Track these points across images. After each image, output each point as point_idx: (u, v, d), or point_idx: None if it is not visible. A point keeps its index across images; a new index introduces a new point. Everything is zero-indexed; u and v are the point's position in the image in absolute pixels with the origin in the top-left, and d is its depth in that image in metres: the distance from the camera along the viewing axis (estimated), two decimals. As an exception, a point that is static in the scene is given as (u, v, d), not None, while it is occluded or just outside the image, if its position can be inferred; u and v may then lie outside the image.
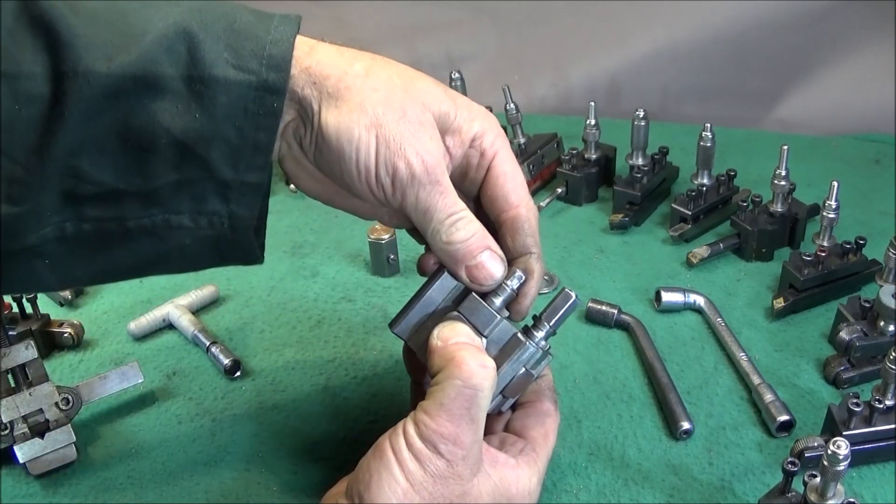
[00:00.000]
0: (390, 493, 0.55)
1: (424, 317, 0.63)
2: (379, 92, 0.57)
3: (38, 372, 0.74)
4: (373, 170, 0.57)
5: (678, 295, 0.91)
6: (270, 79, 0.54)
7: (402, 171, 0.57)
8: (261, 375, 0.85)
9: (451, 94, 0.61)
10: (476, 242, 0.60)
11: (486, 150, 0.62)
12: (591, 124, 1.10)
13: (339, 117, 0.56)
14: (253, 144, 0.55)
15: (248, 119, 0.54)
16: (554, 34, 1.42)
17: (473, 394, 0.56)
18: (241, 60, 0.53)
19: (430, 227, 0.59)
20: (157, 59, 0.52)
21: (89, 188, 0.53)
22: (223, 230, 0.58)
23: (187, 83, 0.52)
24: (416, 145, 0.57)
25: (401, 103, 0.57)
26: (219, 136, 0.54)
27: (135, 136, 0.53)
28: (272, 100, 0.54)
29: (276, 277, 1.01)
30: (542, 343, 0.63)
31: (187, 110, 0.53)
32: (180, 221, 0.57)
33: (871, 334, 0.80)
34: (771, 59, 1.32)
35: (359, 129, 0.56)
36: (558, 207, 1.12)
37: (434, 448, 0.55)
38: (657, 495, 0.69)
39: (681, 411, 0.76)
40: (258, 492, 0.72)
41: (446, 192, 0.58)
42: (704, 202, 1.03)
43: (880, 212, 1.07)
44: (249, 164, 0.55)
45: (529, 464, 0.62)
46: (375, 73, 0.57)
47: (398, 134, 0.56)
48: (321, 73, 0.56)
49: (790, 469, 0.62)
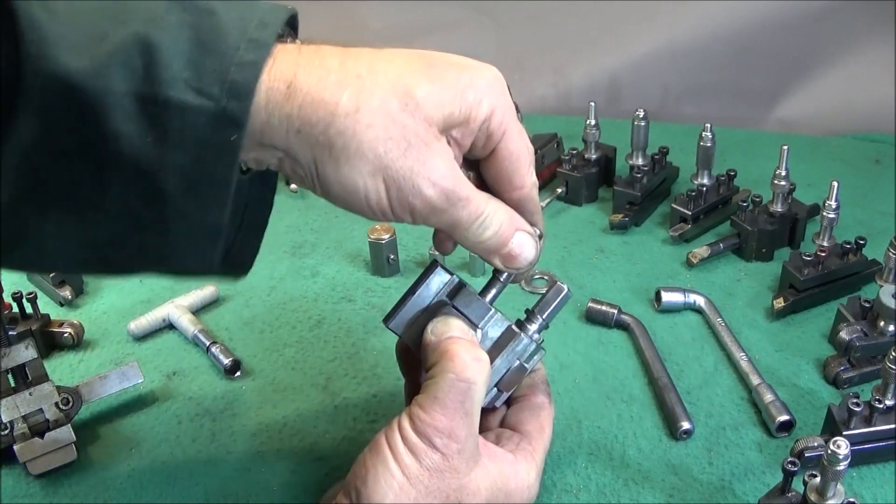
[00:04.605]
0: (387, 487, 0.55)
1: (419, 311, 0.63)
2: (374, 128, 0.51)
3: (38, 372, 0.74)
4: (388, 211, 0.54)
5: (678, 295, 0.91)
6: (230, 108, 0.47)
7: (419, 207, 0.54)
8: (261, 375, 0.85)
9: (451, 77, 0.54)
10: (506, 232, 0.58)
11: (493, 133, 0.57)
12: (591, 124, 1.10)
13: (337, 172, 0.51)
14: (209, 178, 0.49)
15: (203, 149, 0.48)
16: (554, 34, 1.42)
17: (467, 387, 0.56)
18: (202, 82, 0.47)
19: (458, 235, 0.57)
20: (108, 73, 0.46)
21: (49, 191, 0.49)
22: (190, 262, 0.54)
23: (140, 103, 0.46)
24: (428, 175, 0.53)
25: (401, 132, 0.51)
26: (170, 164, 0.48)
27: (89, 147, 0.47)
28: (231, 132, 0.48)
29: (276, 277, 1.01)
30: (535, 336, 0.64)
31: (138, 132, 0.47)
32: (144, 239, 0.52)
33: (871, 334, 0.80)
34: (771, 59, 1.32)
35: (363, 179, 0.51)
36: (558, 207, 1.12)
37: (429, 441, 0.55)
38: (657, 495, 0.69)
39: (681, 411, 0.76)
40: (258, 492, 0.72)
41: (468, 203, 0.55)
42: (704, 202, 1.03)
43: (880, 212, 1.07)
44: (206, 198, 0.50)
45: (527, 458, 0.62)
46: (365, 101, 0.51)
47: (406, 170, 0.52)
48: (306, 121, 0.50)
49: (790, 469, 0.62)
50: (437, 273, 0.63)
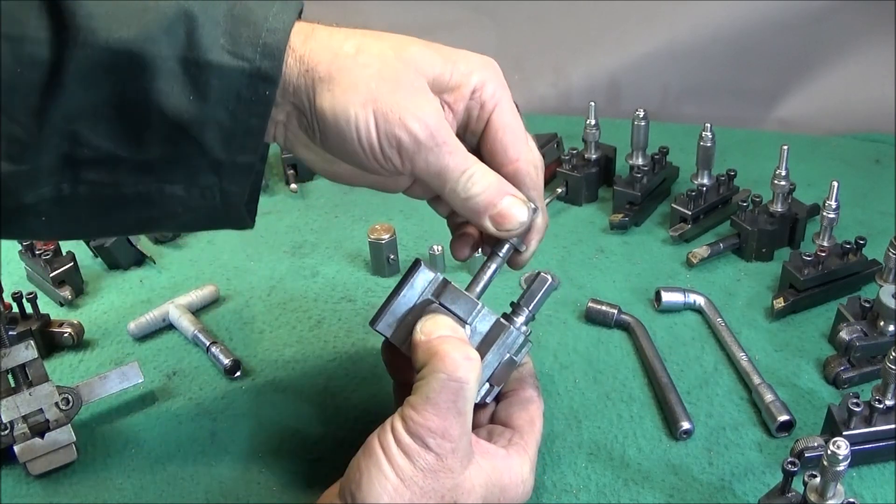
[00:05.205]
0: (381, 489, 0.55)
1: (405, 312, 0.63)
2: (370, 67, 0.57)
3: (38, 372, 0.74)
4: (377, 145, 0.57)
5: (678, 295, 0.91)
6: (264, 67, 0.54)
7: (405, 140, 0.57)
8: (261, 375, 0.85)
9: (446, 51, 0.61)
10: (494, 191, 0.60)
11: (485, 102, 0.61)
12: (591, 124, 1.10)
13: (333, 100, 0.56)
14: (245, 129, 0.55)
15: (240, 104, 0.55)
16: (554, 34, 1.42)
17: (459, 386, 0.56)
18: (237, 47, 0.54)
19: (446, 188, 0.59)
20: (155, 39, 0.52)
21: (87, 152, 0.54)
22: (215, 202, 0.59)
23: (183, 65, 0.53)
24: (415, 112, 0.56)
25: (393, 74, 0.57)
26: (211, 118, 0.54)
27: (131, 108, 0.53)
28: (265, 87, 0.55)
29: (276, 277, 1.01)
30: (522, 328, 0.63)
31: (182, 91, 0.53)
32: (174, 191, 0.58)
33: (871, 334, 0.80)
34: (771, 59, 1.32)
35: (354, 108, 0.56)
36: (558, 207, 1.12)
37: (422, 442, 0.55)
38: (657, 495, 0.69)
39: (681, 411, 0.76)
40: (258, 492, 0.72)
41: (455, 150, 0.58)
42: (704, 202, 1.03)
43: (880, 212, 1.07)
44: (241, 146, 0.56)
45: (520, 452, 0.62)
46: (366, 50, 0.57)
47: (395, 104, 0.56)
48: (313, 60, 0.56)
49: (790, 469, 0.62)
50: (420, 271, 0.63)
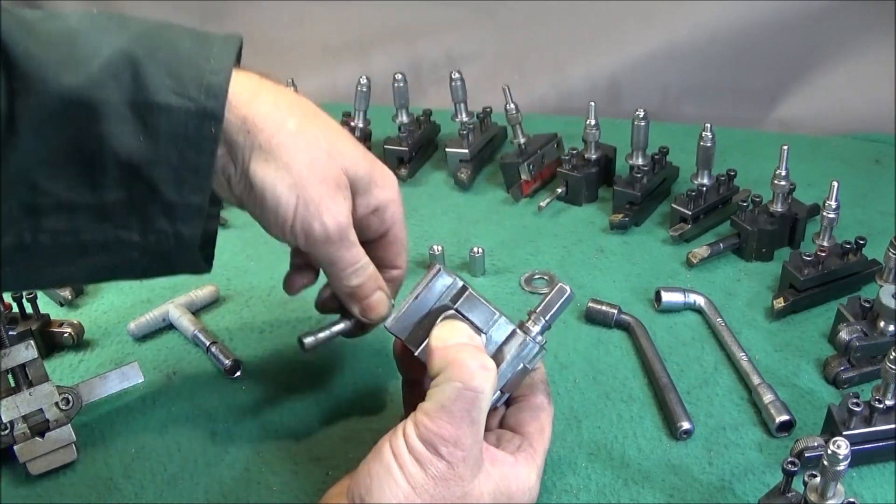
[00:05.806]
0: (391, 495, 0.55)
1: (421, 315, 0.63)
2: (305, 153, 0.62)
3: (38, 372, 0.74)
4: (289, 224, 0.62)
5: (678, 295, 0.91)
6: (209, 106, 0.57)
7: (317, 230, 0.63)
8: (261, 375, 0.85)
9: (369, 157, 0.68)
10: (371, 285, 0.69)
11: (386, 220, 0.70)
12: (591, 124, 1.10)
13: (265, 171, 0.61)
14: (194, 167, 0.58)
15: (188, 143, 0.57)
16: (554, 34, 1.42)
17: (474, 396, 0.56)
18: (182, 87, 0.57)
19: (332, 273, 0.68)
20: (103, 84, 0.55)
21: (45, 200, 0.56)
22: (170, 246, 0.61)
23: (132, 108, 0.56)
24: (331, 208, 0.63)
25: (322, 166, 0.63)
26: (162, 158, 0.57)
27: (85, 153, 0.56)
28: (210, 125, 0.57)
29: (276, 277, 1.00)
30: (538, 338, 0.64)
31: (133, 133, 0.56)
32: (130, 237, 0.60)
33: (871, 334, 0.80)
34: (771, 59, 1.32)
35: (282, 187, 0.61)
36: (558, 207, 1.12)
37: (434, 450, 0.55)
38: (657, 495, 0.69)
39: (681, 411, 0.76)
40: (258, 492, 0.72)
41: (352, 247, 0.66)
42: (704, 202, 1.03)
43: (880, 212, 1.07)
44: (192, 186, 0.59)
45: (528, 460, 0.62)
46: (304, 133, 0.62)
47: (317, 196, 0.62)
48: (256, 126, 0.60)
49: (790, 469, 0.62)
50: (439, 276, 0.63)
